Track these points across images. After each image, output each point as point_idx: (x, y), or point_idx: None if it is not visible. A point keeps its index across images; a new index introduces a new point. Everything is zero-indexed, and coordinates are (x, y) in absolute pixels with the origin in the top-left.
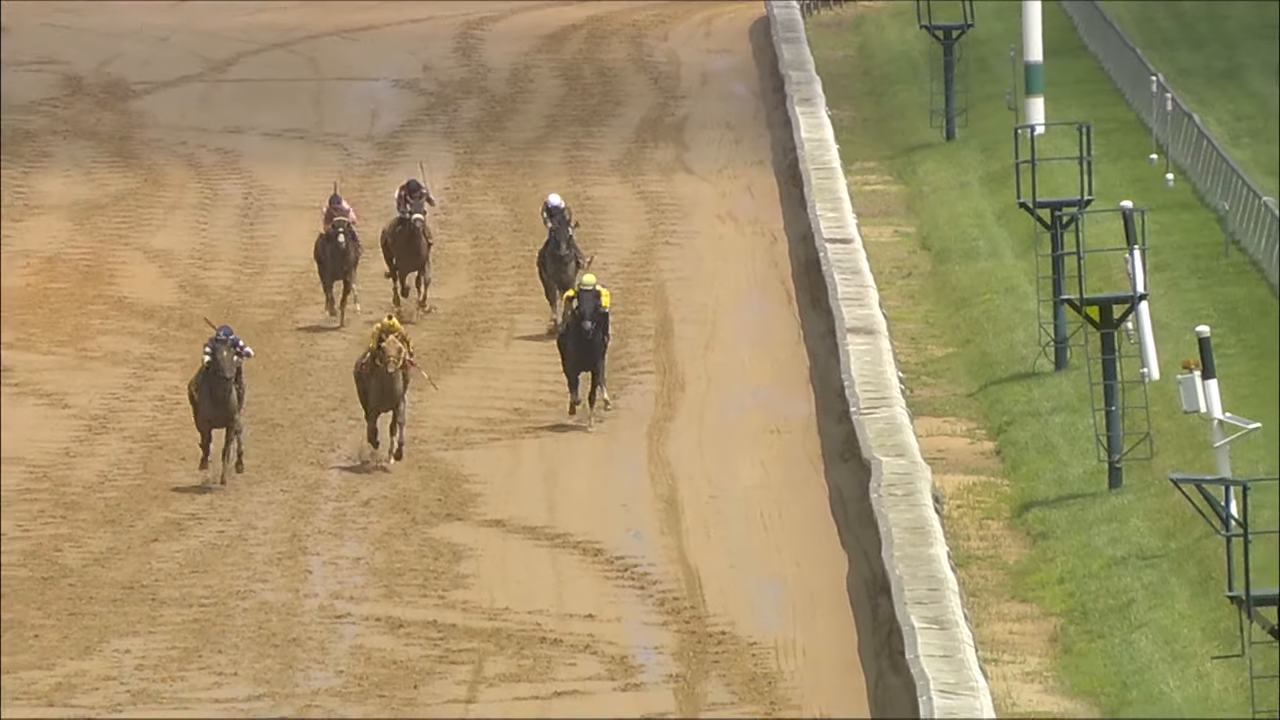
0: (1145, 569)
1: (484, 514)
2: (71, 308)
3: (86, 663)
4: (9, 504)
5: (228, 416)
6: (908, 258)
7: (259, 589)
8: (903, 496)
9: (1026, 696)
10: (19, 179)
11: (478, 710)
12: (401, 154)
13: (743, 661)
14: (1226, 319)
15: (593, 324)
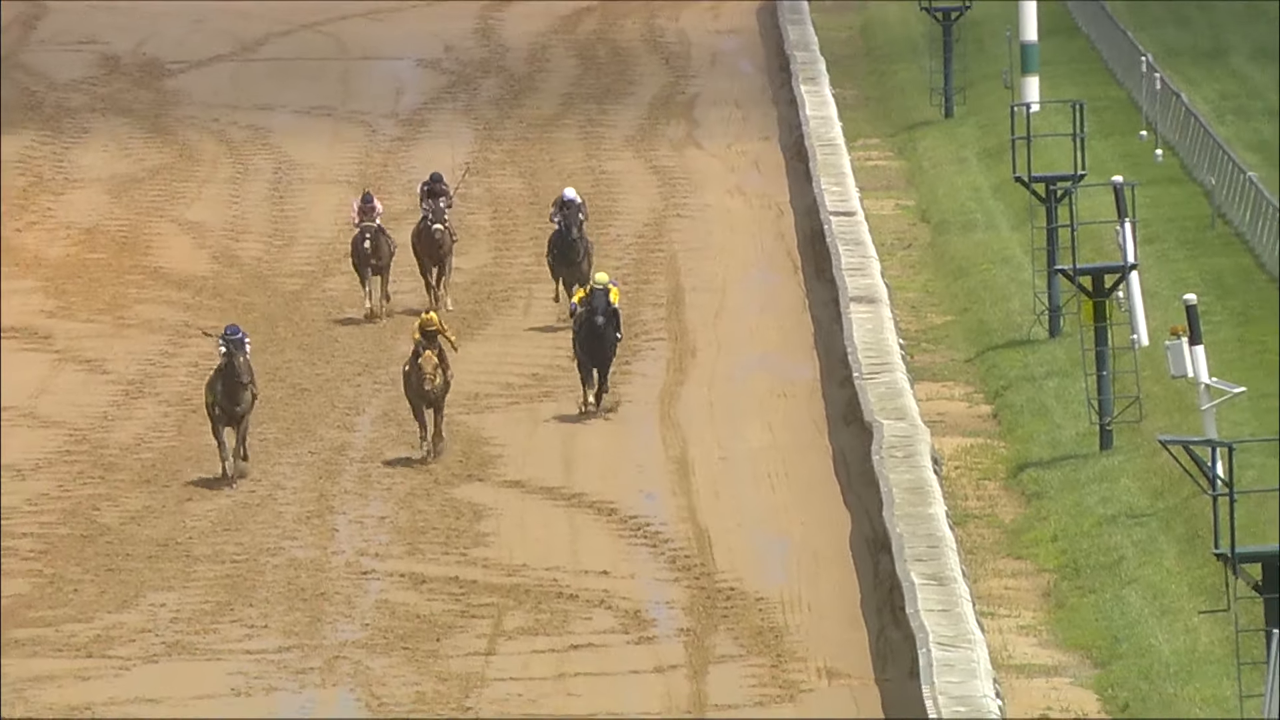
0: (1135, 527)
1: (503, 475)
2: (109, 277)
3: (124, 616)
4: (50, 465)
5: (241, 416)
6: (908, 230)
7: (288, 546)
8: (903, 458)
9: (1021, 649)
10: (60, 153)
11: (497, 662)
12: (424, 130)
13: (750, 616)
14: (1213, 288)
15: (604, 319)
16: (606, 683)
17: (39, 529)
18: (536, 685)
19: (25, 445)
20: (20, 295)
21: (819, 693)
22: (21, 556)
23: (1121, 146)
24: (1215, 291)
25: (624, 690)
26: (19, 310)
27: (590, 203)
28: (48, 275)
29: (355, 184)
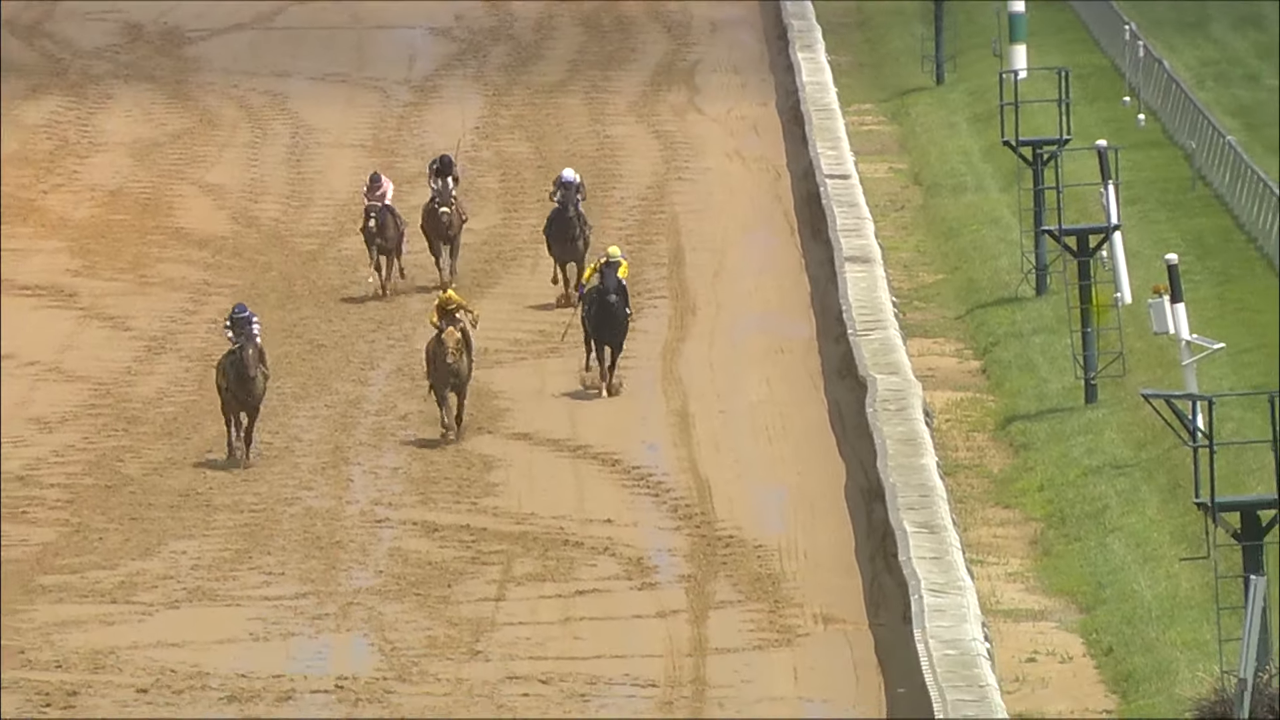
0: (1118, 477)
1: (512, 427)
2: (132, 238)
3: (146, 563)
4: (76, 418)
5: (254, 403)
6: (901, 192)
7: (305, 496)
8: (896, 411)
9: (1009, 595)
10: (85, 119)
11: (507, 607)
12: (436, 96)
13: (749, 563)
14: (1193, 248)
15: (617, 296)
16: (611, 627)
17: (65, 479)
18: (544, 630)
19: (51, 399)
20: (46, 255)
21: (815, 637)
22: (49, 506)
23: (1105, 112)
24: (1195, 251)
25: (628, 634)
26: (45, 269)
27: (594, 166)
28: (73, 236)
29: (369, 148)
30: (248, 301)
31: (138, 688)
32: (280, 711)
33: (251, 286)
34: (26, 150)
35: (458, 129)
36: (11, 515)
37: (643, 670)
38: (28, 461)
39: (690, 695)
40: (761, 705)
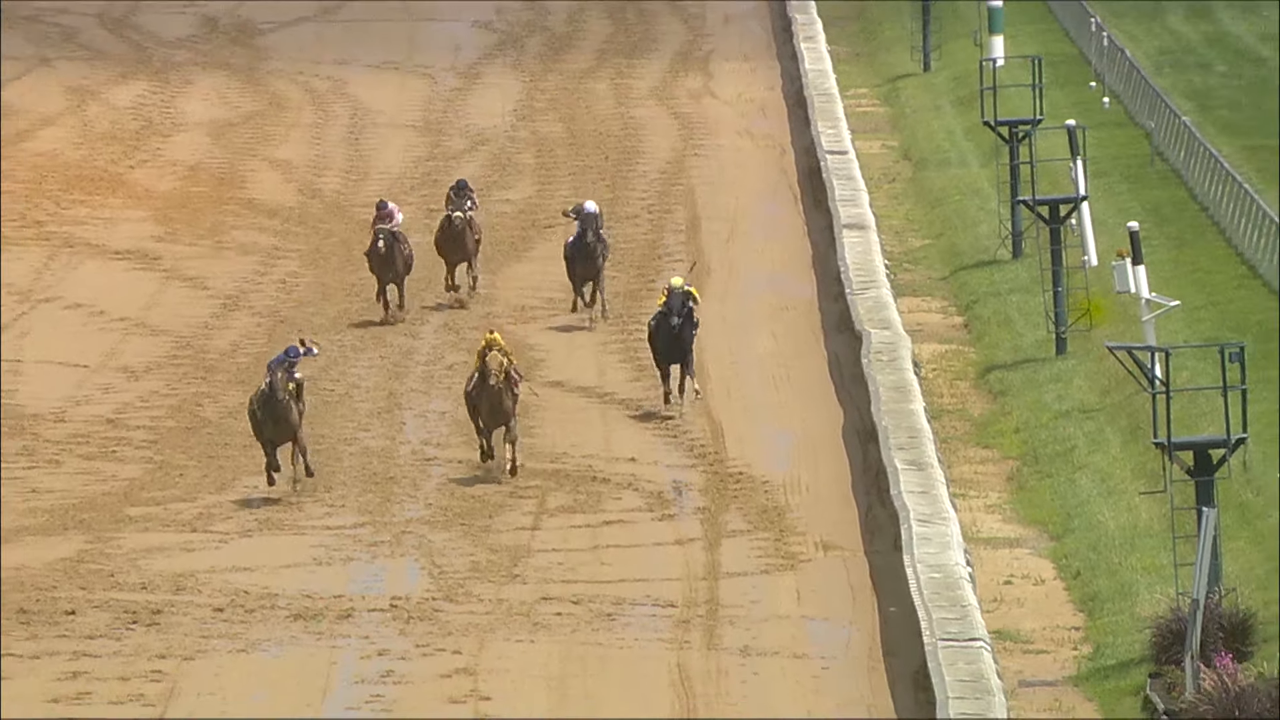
0: (1085, 420)
1: (546, 376)
2: (210, 207)
3: (222, 496)
4: (159, 368)
5: (290, 433)
6: (892, 166)
7: (362, 437)
8: (888, 361)
9: (988, 525)
10: (167, 101)
11: (541, 536)
12: (478, 81)
13: (757, 496)
14: (1152, 216)
15: (680, 319)
16: (634, 553)
17: (150, 422)
18: (574, 556)
19: (138, 351)
20: (133, 223)
21: (816, 562)
22: (135, 446)
23: (1074, 95)
24: (1154, 219)
25: (649, 560)
26: (133, 236)
27: (620, 144)
28: (157, 206)
29: (419, 127)
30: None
31: (214, 607)
32: (341, 628)
33: (315, 250)
34: (116, 130)
35: (498, 110)
36: (102, 454)
37: (662, 592)
38: (117, 406)
39: (705, 614)
40: (768, 623)
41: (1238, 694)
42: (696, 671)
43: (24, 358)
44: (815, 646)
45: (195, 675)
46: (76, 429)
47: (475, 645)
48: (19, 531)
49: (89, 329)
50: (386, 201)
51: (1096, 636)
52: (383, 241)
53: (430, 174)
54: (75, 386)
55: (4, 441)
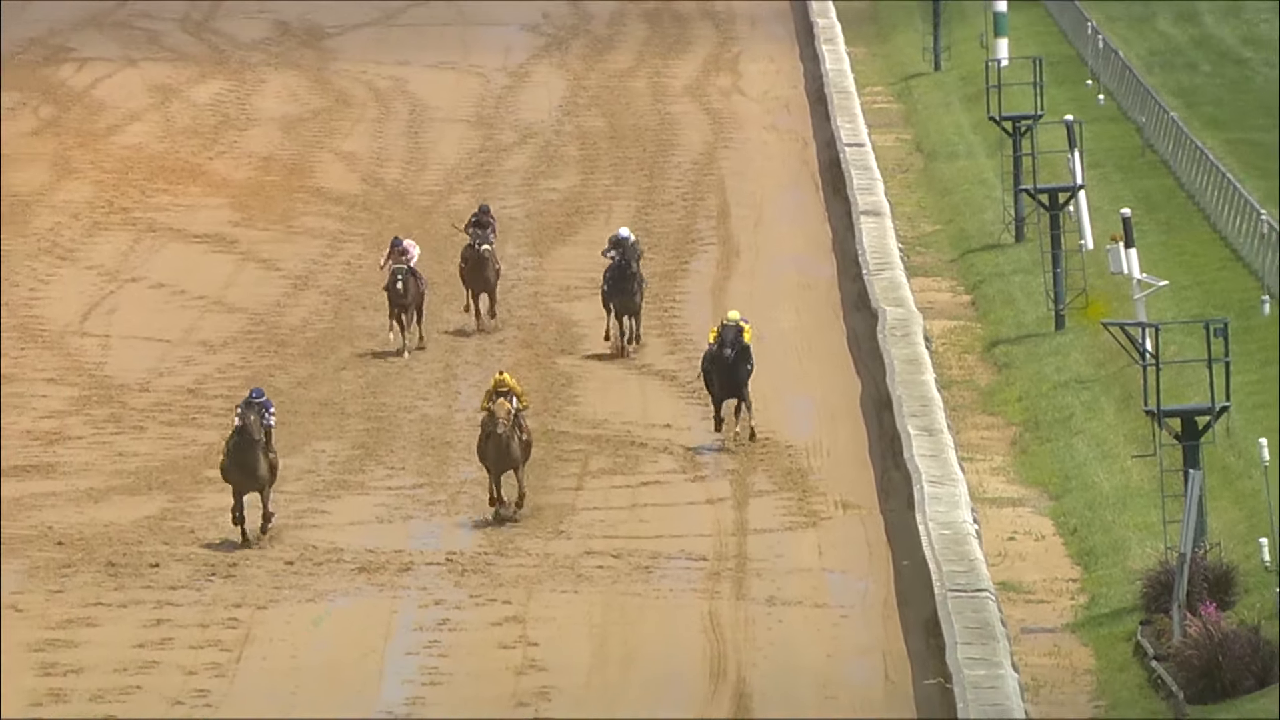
0: (1082, 390)
1: (588, 350)
2: (281, 195)
3: (292, 459)
4: (235, 342)
5: (259, 485)
6: (906, 158)
7: (421, 405)
8: (901, 336)
9: (993, 485)
10: (243, 98)
11: (585, 495)
12: (527, 80)
13: (781, 459)
14: (1143, 204)
15: (732, 351)
16: (669, 511)
17: (226, 391)
18: (614, 513)
19: (215, 327)
20: (211, 210)
21: (835, 520)
22: (213, 413)
23: (1072, 92)
24: (1145, 206)
25: (683, 517)
26: (211, 221)
27: (656, 137)
28: (233, 194)
29: (473, 122)
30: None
31: (285, 560)
32: (401, 580)
33: (377, 235)
34: (196, 124)
35: (545, 106)
36: (183, 421)
37: (695, 546)
38: (196, 377)
39: (734, 567)
40: (792, 575)
41: (1220, 640)
42: (726, 619)
43: (112, 333)
44: (835, 597)
45: (268, 623)
46: (160, 398)
47: (524, 595)
48: (108, 491)
49: (171, 307)
50: (401, 239)
51: (1092, 587)
52: (401, 281)
53: (483, 165)
54: (159, 359)
55: (95, 410)
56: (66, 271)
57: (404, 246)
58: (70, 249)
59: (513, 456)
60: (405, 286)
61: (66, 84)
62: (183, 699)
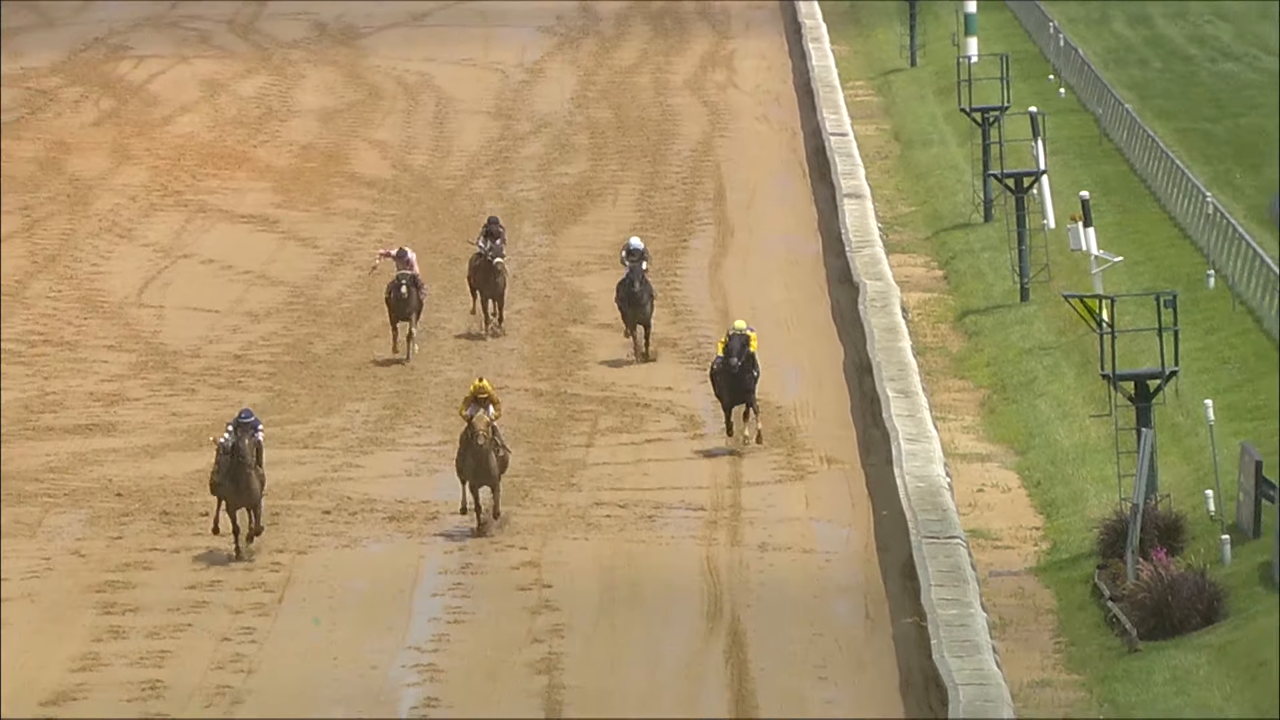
0: (1044, 356)
1: (597, 319)
2: (319, 179)
3: (329, 419)
4: (278, 312)
5: (251, 501)
6: (885, 146)
7: (445, 370)
8: (880, 307)
9: (964, 442)
10: (284, 92)
11: (594, 451)
12: (542, 76)
13: (772, 419)
14: (1100, 187)
15: (739, 360)
16: (670, 466)
17: (269, 357)
18: (621, 468)
19: (259, 298)
20: (256, 193)
21: (821, 474)
22: (257, 377)
23: (1035, 86)
24: (1102, 190)
25: (683, 471)
26: (256, 203)
27: (658, 128)
28: (276, 178)
29: (493, 113)
30: (404, 225)
31: (323, 510)
32: (428, 528)
33: (406, 216)
34: (242, 115)
35: (558, 99)
36: (230, 384)
37: (694, 498)
38: (242, 344)
39: (729, 516)
40: (781, 524)
41: (1170, 582)
42: (722, 563)
43: (166, 304)
44: (820, 543)
45: (307, 566)
46: (209, 363)
47: (539, 542)
48: (162, 448)
49: (219, 280)
50: (406, 250)
51: (1053, 535)
52: (405, 286)
53: (502, 152)
54: (208, 328)
55: (151, 374)
56: (125, 249)
57: (409, 259)
58: (129, 228)
59: (490, 471)
60: (408, 294)
61: (125, 79)
62: (230, 635)
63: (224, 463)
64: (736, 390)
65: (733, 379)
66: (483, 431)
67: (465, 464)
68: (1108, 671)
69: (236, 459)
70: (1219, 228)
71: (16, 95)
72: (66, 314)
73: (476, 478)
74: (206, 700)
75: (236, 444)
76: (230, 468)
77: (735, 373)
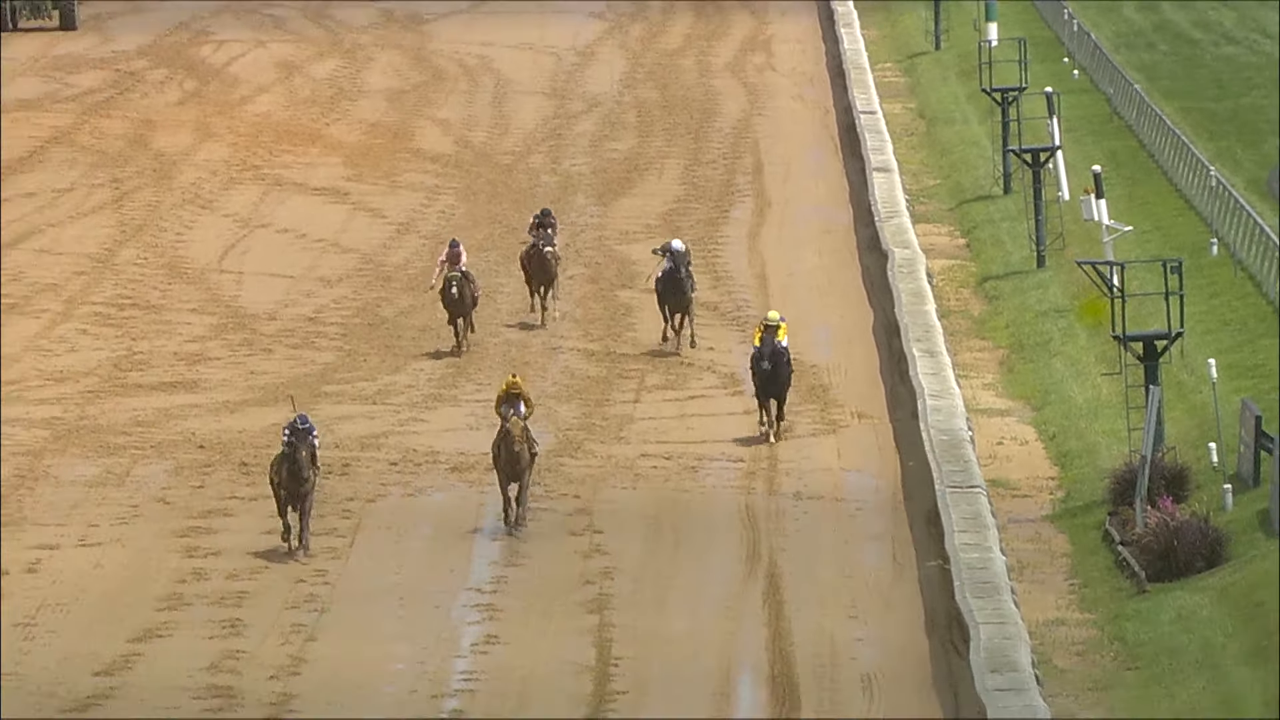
0: (1059, 319)
1: (645, 285)
2: (386, 155)
3: (395, 377)
4: (348, 278)
5: (304, 496)
6: (911, 123)
7: (504, 331)
8: (908, 273)
9: (984, 398)
10: (354, 74)
11: (641, 407)
12: (593, 59)
13: (806, 377)
14: (1111, 161)
15: (769, 364)
16: (712, 421)
17: (341, 320)
18: (666, 422)
19: (331, 265)
20: (328, 167)
21: (852, 428)
22: (329, 338)
23: (1051, 68)
24: (1112, 164)
25: (723, 425)
26: (328, 177)
27: (701, 107)
28: (346, 154)
29: (548, 94)
30: (465, 197)
31: (390, 461)
32: (487, 478)
33: (467, 188)
34: (315, 95)
35: (608, 80)
36: (304, 344)
37: (734, 450)
38: (316, 308)
39: (766, 468)
40: (815, 474)
41: (1176, 528)
42: (760, 511)
43: (245, 270)
44: (851, 492)
45: (376, 514)
46: (285, 325)
47: (590, 491)
48: (242, 404)
49: (294, 248)
50: (458, 241)
51: (1068, 484)
52: (455, 287)
53: (556, 130)
54: (284, 293)
55: (230, 335)
56: (207, 219)
57: (458, 251)
58: (210, 200)
59: (521, 466)
60: (460, 291)
61: (206, 61)
62: (304, 577)
63: (283, 466)
64: (770, 387)
65: (766, 376)
66: (518, 437)
67: (500, 457)
68: (1118, 611)
69: (294, 463)
70: (1221, 199)
71: (107, 76)
72: (153, 279)
73: (509, 472)
74: (282, 638)
75: (293, 450)
76: (290, 470)
77: (769, 374)
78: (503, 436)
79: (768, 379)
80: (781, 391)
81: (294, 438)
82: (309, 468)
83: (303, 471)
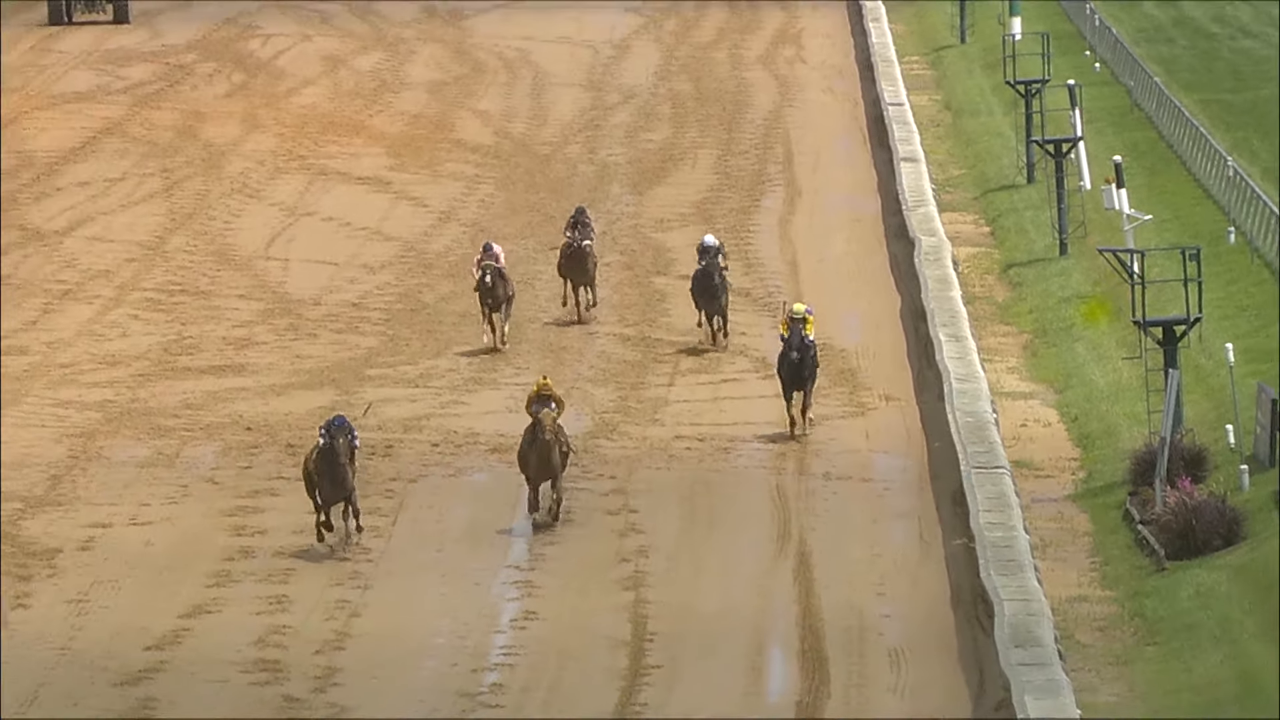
0: (1081, 304)
1: (678, 271)
2: (428, 145)
3: (436, 361)
4: (391, 265)
5: (346, 494)
6: (938, 114)
7: (541, 317)
8: (934, 260)
9: (1008, 382)
10: (396, 67)
11: (675, 390)
12: (629, 52)
13: (835, 361)
14: (1131, 152)
15: (798, 355)
16: (743, 403)
17: (384, 305)
18: (699, 405)
19: (374, 253)
20: (371, 157)
21: (880, 410)
22: (373, 323)
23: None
24: (1133, 154)
25: (754, 408)
26: (372, 167)
27: (734, 99)
28: (389, 144)
29: (585, 86)
30: (504, 186)
31: (431, 443)
32: None
33: (506, 178)
34: (359, 88)
35: (643, 73)
36: (349, 329)
37: (765, 432)
38: (360, 294)
39: (797, 448)
40: (844, 455)
41: (1194, 508)
42: (790, 491)
43: (291, 257)
44: (879, 473)
45: (418, 493)
46: (329, 310)
47: (626, 471)
48: (288, 386)
49: (338, 236)
50: (492, 244)
51: (1089, 465)
52: (489, 276)
53: (593, 121)
54: (329, 279)
55: (277, 320)
56: (254, 207)
57: (495, 252)
58: (257, 189)
59: (553, 465)
60: (492, 283)
61: (254, 55)
62: (348, 555)
63: (321, 463)
64: (795, 379)
65: (793, 369)
66: (550, 427)
67: (529, 459)
68: (1138, 588)
69: (333, 460)
70: (1238, 189)
71: (156, 69)
72: (201, 266)
73: (539, 473)
74: (327, 613)
75: (331, 447)
76: (328, 468)
77: (795, 366)
78: (531, 432)
79: (794, 371)
80: (807, 384)
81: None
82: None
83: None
